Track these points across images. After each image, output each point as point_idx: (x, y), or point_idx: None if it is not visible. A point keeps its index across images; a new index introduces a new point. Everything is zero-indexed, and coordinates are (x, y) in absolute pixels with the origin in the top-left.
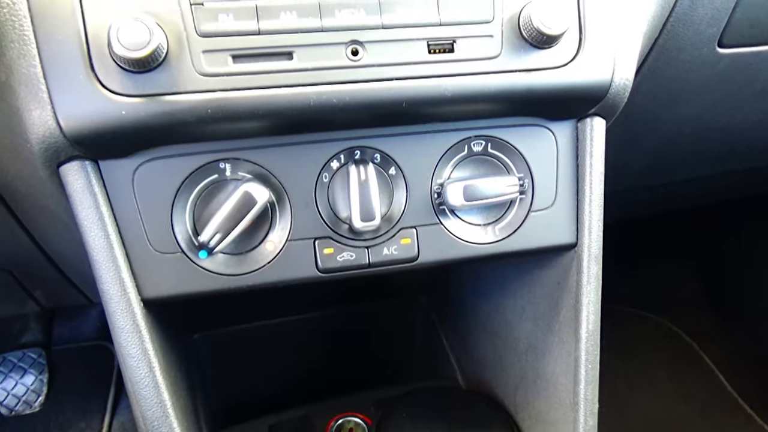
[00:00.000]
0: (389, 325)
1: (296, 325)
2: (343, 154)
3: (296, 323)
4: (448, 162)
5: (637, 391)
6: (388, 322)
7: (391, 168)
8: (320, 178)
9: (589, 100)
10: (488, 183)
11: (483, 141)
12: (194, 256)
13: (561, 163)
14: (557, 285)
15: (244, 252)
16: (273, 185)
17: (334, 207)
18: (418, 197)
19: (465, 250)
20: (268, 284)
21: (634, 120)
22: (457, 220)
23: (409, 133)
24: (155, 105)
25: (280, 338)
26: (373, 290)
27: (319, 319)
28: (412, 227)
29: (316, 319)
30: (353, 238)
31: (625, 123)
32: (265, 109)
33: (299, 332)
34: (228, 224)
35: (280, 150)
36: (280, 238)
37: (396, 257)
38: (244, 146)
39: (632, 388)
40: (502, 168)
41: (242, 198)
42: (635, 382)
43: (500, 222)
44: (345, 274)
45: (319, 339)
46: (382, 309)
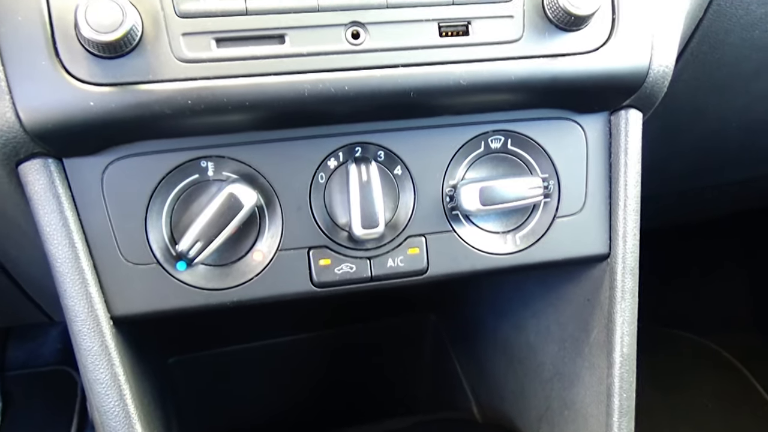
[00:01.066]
0: (394, 346)
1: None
2: (342, 151)
3: (287, 345)
4: (462, 160)
5: (680, 426)
6: (393, 343)
7: (397, 167)
8: (316, 179)
9: (623, 90)
10: (508, 185)
11: (502, 137)
12: (171, 268)
13: (591, 162)
14: (587, 302)
15: (229, 263)
16: (262, 187)
17: (331, 212)
18: (427, 201)
19: (481, 261)
20: (255, 300)
21: (675, 113)
22: (472, 227)
23: (417, 127)
24: (128, 95)
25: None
26: (376, 307)
27: (314, 341)
28: (421, 235)
29: (310, 341)
30: (353, 247)
31: (664, 116)
32: (253, 100)
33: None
34: (210, 231)
35: (269, 147)
36: (269, 248)
37: (402, 270)
38: (228, 142)
39: (674, 422)
40: (524, 168)
41: (226, 201)
42: (677, 414)
43: (521, 229)
44: (344, 288)
45: (313, 363)
46: (385, 328)
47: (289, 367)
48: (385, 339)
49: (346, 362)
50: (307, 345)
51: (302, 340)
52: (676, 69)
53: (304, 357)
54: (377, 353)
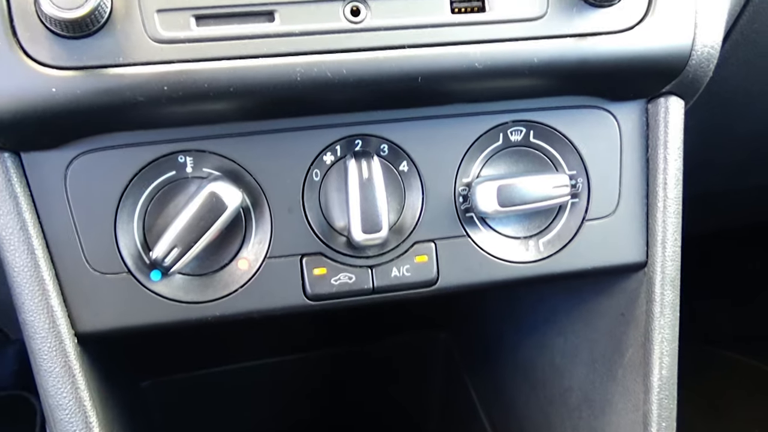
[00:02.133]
0: (399, 369)
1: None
2: (340, 144)
3: (277, 367)
4: (478, 155)
5: None
6: (398, 365)
7: (403, 163)
8: (309, 176)
9: (662, 74)
10: (530, 183)
11: (523, 128)
12: (144, 278)
13: (626, 157)
14: (621, 317)
15: (210, 273)
16: (248, 185)
17: (327, 214)
18: (437, 201)
19: (499, 271)
20: (240, 315)
21: (722, 101)
22: (488, 231)
23: (425, 117)
24: (95, 80)
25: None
26: (379, 324)
27: (308, 362)
28: (430, 241)
29: (303, 362)
30: (352, 254)
31: (710, 104)
32: (239, 86)
33: (281, 379)
34: (188, 236)
35: (257, 139)
36: (256, 255)
37: (408, 280)
38: (210, 134)
39: None
40: (548, 163)
41: (207, 202)
42: None
43: (545, 234)
44: (341, 302)
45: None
46: (389, 348)
47: (279, 392)
48: (389, 360)
49: (344, 387)
50: (301, 367)
51: (294, 362)
52: (723, 50)
53: (297, 381)
54: (380, 377)
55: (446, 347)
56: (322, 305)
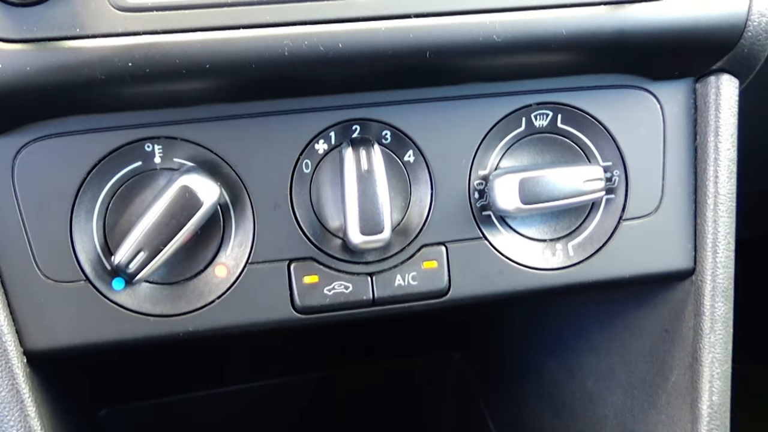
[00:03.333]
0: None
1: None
2: (335, 130)
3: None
4: (496, 144)
5: None
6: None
7: (408, 152)
8: (299, 168)
9: (712, 47)
10: (557, 176)
11: (549, 111)
12: (105, 287)
13: (670, 146)
14: (664, 334)
15: (182, 281)
16: (226, 178)
17: (319, 212)
18: (449, 198)
19: (521, 279)
20: (217, 330)
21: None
22: (509, 233)
23: (435, 99)
24: (48, 55)
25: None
26: (382, 342)
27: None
28: (440, 244)
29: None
30: (349, 260)
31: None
32: (216, 62)
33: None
34: (157, 238)
35: (237, 125)
36: (236, 260)
37: (415, 290)
38: (182, 118)
39: None
40: (579, 153)
41: (179, 197)
42: None
43: (575, 236)
44: (336, 315)
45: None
46: (394, 371)
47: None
48: (395, 385)
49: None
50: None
51: (281, 386)
52: None
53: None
54: (384, 403)
55: (460, 370)
56: (313, 319)
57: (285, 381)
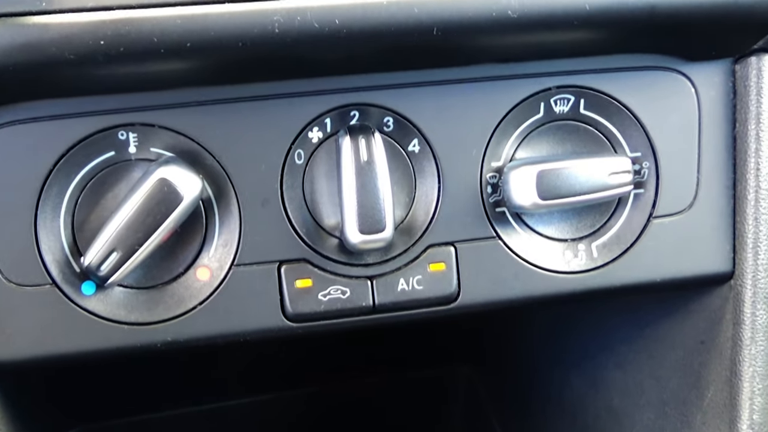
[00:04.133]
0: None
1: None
2: (331, 117)
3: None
4: (511, 132)
5: None
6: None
7: (413, 141)
8: (290, 159)
9: (754, 24)
10: (580, 168)
11: (570, 96)
12: (74, 292)
13: (706, 135)
14: (700, 346)
15: (160, 285)
16: (209, 170)
17: (313, 208)
18: (458, 192)
19: (539, 283)
20: (199, 340)
21: None
22: (525, 231)
23: (443, 81)
24: (11, 32)
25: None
26: (385, 354)
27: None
28: (449, 244)
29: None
30: (347, 261)
31: None
32: (197, 41)
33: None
34: (132, 237)
35: (221, 110)
36: (220, 262)
37: (420, 296)
38: (160, 103)
39: None
40: (604, 142)
41: (157, 191)
42: None
43: (600, 236)
44: (333, 324)
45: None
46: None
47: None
48: (397, 401)
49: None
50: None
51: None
52: None
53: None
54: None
55: (469, 384)
56: (306, 328)
57: (275, 396)
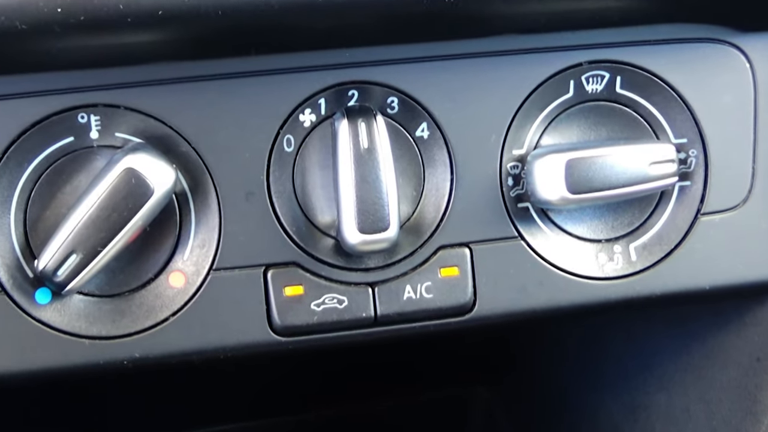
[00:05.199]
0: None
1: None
2: (325, 96)
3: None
4: (536, 114)
5: None
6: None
7: (422, 126)
8: (278, 145)
9: None
10: (616, 156)
11: (605, 72)
12: (26, 300)
13: (763, 118)
14: (756, 364)
15: (126, 292)
16: (184, 159)
17: (305, 203)
18: (474, 185)
19: (568, 291)
20: (171, 357)
21: None
22: (552, 230)
23: (457, 56)
24: None
25: None
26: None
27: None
28: (463, 245)
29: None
30: (345, 265)
31: None
32: (171, 7)
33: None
34: (94, 236)
35: (198, 89)
36: (196, 266)
37: (430, 305)
38: (127, 81)
39: None
40: (644, 127)
41: (123, 184)
42: None
43: (639, 236)
44: (328, 338)
45: None
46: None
47: None
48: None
49: None
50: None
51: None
52: None
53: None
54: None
55: (487, 408)
56: (297, 343)
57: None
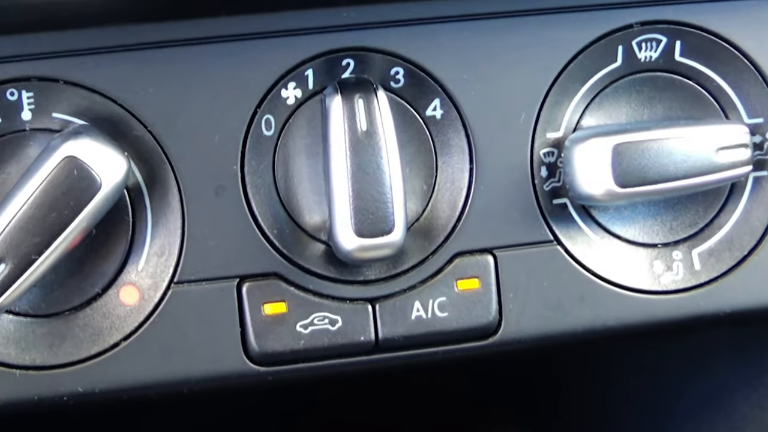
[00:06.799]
0: None
1: None
2: (314, 67)
3: None
4: (576, 89)
5: None
6: None
7: (433, 102)
8: (255, 128)
9: None
10: (675, 141)
11: (662, 36)
12: None
13: None
14: None
15: (67, 311)
16: (138, 145)
17: (288, 200)
18: (498, 176)
19: (616, 308)
20: (123, 392)
21: None
22: (596, 233)
23: (476, 16)
24: None
25: None
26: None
27: None
28: (485, 251)
29: None
30: (338, 277)
31: None
32: None
33: None
34: (26, 241)
35: (156, 57)
36: (153, 278)
37: (445, 326)
38: (66, 48)
39: None
40: (711, 103)
41: (61, 176)
42: None
43: (704, 239)
44: (317, 367)
45: None
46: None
47: None
48: None
49: None
50: None
51: None
52: None
53: None
54: None
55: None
56: (279, 374)
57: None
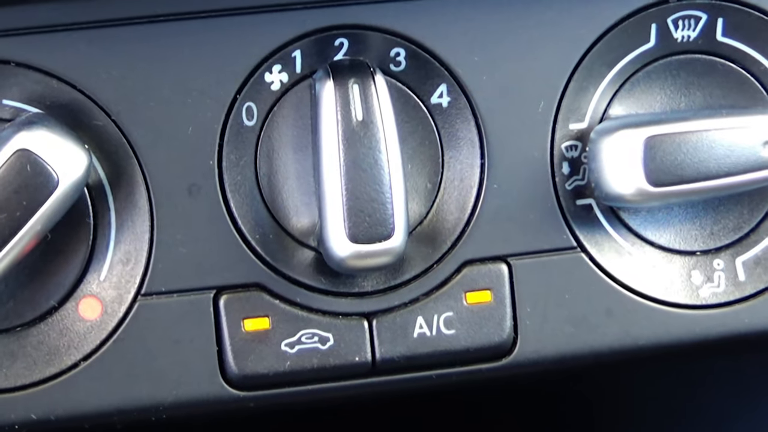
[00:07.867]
0: None
1: None
2: (302, 47)
3: None
4: (603, 73)
5: None
6: None
7: (439, 89)
8: (235, 118)
9: None
10: (716, 133)
11: (702, 12)
12: None
13: None
14: None
15: (18, 327)
16: (100, 137)
17: (272, 200)
18: (513, 173)
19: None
20: (82, 419)
21: None
22: (626, 238)
23: None
24: None
25: None
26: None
27: None
28: (499, 259)
29: None
30: (330, 288)
31: None
32: None
33: None
34: None
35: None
36: (117, 289)
37: (452, 345)
38: (18, 25)
39: None
40: (757, 90)
41: (12, 172)
42: None
43: (750, 246)
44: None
45: None
46: None
47: None
48: None
49: None
50: None
51: None
52: None
53: None
54: None
55: None
56: (261, 399)
57: None
